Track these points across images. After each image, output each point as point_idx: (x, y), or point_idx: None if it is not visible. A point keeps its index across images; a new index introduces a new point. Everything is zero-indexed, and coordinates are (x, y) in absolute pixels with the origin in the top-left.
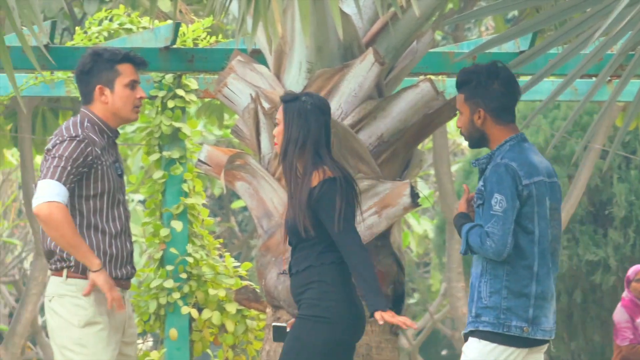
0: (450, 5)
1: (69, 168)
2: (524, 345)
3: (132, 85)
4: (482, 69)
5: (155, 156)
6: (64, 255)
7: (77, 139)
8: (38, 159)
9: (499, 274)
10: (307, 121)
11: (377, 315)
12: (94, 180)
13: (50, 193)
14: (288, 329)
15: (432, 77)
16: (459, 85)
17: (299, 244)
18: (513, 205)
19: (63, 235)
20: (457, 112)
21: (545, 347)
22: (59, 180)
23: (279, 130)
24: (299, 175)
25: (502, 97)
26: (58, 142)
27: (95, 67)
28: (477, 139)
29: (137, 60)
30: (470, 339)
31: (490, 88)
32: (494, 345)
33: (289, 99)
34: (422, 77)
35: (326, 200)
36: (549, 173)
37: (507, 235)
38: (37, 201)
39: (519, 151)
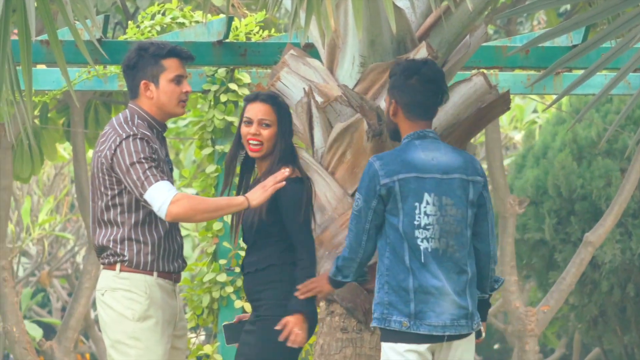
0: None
1: (151, 163)
2: (409, 340)
3: (178, 80)
4: (405, 64)
5: (207, 150)
6: (117, 250)
7: (138, 137)
8: (90, 153)
9: (381, 270)
10: (290, 119)
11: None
12: None
13: (161, 197)
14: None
15: (485, 71)
16: (389, 77)
17: (257, 242)
18: (368, 205)
19: (205, 211)
20: (506, 106)
21: (461, 343)
22: (155, 180)
23: (270, 132)
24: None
25: (416, 93)
26: (124, 148)
27: (140, 62)
28: (391, 131)
29: (184, 54)
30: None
31: (407, 82)
32: (387, 344)
33: (277, 98)
34: (475, 71)
35: (293, 198)
36: (443, 170)
37: (362, 234)
38: (161, 212)
39: (400, 149)
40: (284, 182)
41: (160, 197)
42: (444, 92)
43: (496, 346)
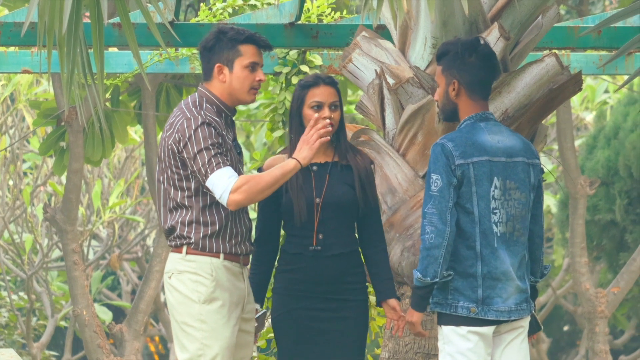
0: None
1: (217, 150)
2: (476, 324)
3: (253, 66)
4: (461, 42)
5: (278, 132)
6: (184, 233)
7: (205, 123)
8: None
9: None
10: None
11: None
12: None
13: (222, 185)
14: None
15: (557, 51)
16: (439, 57)
17: (342, 224)
18: (449, 182)
19: (265, 189)
20: (578, 87)
21: (517, 326)
22: (218, 167)
23: (339, 114)
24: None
25: (478, 70)
26: (192, 134)
27: (218, 45)
28: (449, 112)
29: (261, 42)
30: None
31: (467, 60)
32: (449, 327)
33: (335, 80)
34: (547, 51)
35: (373, 178)
36: (508, 153)
37: (446, 212)
38: (222, 200)
39: (467, 131)
40: (328, 129)
41: (221, 185)
42: (500, 69)
43: (566, 328)
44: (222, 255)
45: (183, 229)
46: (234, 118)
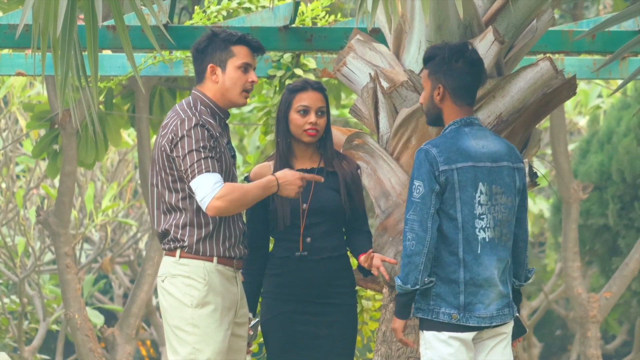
0: None
1: (208, 153)
2: (457, 330)
3: (245, 67)
4: (448, 47)
5: (272, 136)
6: (178, 236)
7: (199, 124)
8: (155, 139)
9: None
10: None
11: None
12: None
13: (206, 189)
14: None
15: (551, 55)
16: (425, 61)
17: (331, 227)
18: (431, 189)
19: (245, 205)
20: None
21: (499, 332)
22: (207, 171)
23: (324, 120)
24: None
25: (464, 76)
26: (185, 134)
27: (210, 46)
28: (434, 116)
29: (254, 43)
30: (420, 333)
31: (454, 66)
32: (430, 332)
33: (324, 86)
34: (541, 55)
35: (359, 183)
36: (493, 158)
37: (427, 219)
38: (203, 204)
39: (452, 136)
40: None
41: (206, 188)
42: (486, 76)
43: (558, 332)
44: (215, 259)
45: (177, 232)
46: (227, 121)
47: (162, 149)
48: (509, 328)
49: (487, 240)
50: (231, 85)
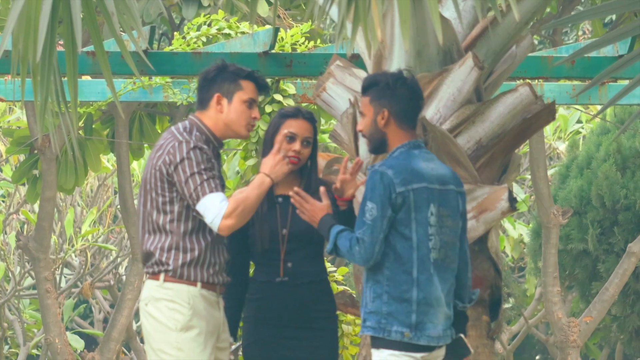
0: (548, 10)
1: (209, 174)
2: (410, 349)
3: (250, 103)
4: (390, 74)
5: (252, 161)
6: (163, 259)
7: (197, 147)
8: (134, 165)
9: (379, 280)
10: None
11: None
12: None
13: (214, 210)
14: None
15: (531, 81)
16: (366, 88)
17: (312, 252)
18: (383, 214)
19: (252, 209)
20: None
21: (441, 352)
22: (210, 191)
23: (309, 150)
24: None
25: (407, 101)
26: (185, 157)
27: (219, 76)
28: (378, 142)
29: (261, 81)
30: (371, 351)
31: (397, 91)
32: (387, 351)
33: (314, 117)
34: (520, 81)
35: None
36: (441, 180)
37: (375, 244)
38: (214, 225)
39: (404, 158)
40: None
41: (214, 209)
42: (423, 102)
43: (538, 357)
44: (199, 284)
45: (162, 255)
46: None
47: (157, 169)
48: (443, 352)
49: (432, 260)
50: (236, 118)
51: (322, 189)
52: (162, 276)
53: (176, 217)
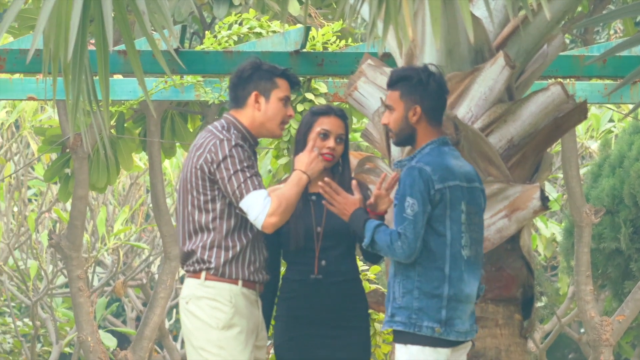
0: (579, 9)
1: (252, 171)
2: (439, 345)
3: (286, 101)
4: (420, 69)
5: (284, 160)
6: (205, 257)
7: (239, 144)
8: (166, 163)
9: (410, 275)
10: None
11: None
12: None
13: (258, 208)
14: None
15: (562, 80)
16: (395, 82)
17: (346, 251)
18: (424, 209)
19: (293, 208)
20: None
21: (466, 347)
22: (254, 189)
23: (342, 147)
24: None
25: (437, 97)
26: (228, 154)
27: (255, 75)
28: (406, 137)
29: (293, 79)
30: (396, 346)
31: (429, 87)
32: (416, 347)
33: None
34: (552, 80)
35: None
36: (468, 178)
37: (417, 239)
38: (257, 223)
39: (436, 155)
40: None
41: (257, 207)
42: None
43: (571, 356)
44: (240, 282)
45: (204, 253)
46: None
47: (198, 167)
48: (469, 345)
49: (466, 258)
50: (272, 115)
51: (354, 182)
52: (203, 274)
53: (218, 215)
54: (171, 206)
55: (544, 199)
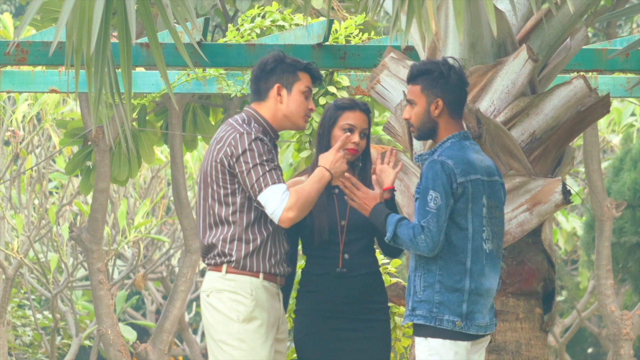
0: (602, 2)
1: (271, 165)
2: (459, 339)
3: (307, 94)
4: (440, 62)
5: (305, 153)
6: (226, 250)
7: (259, 138)
8: (188, 156)
9: (432, 269)
10: None
11: None
12: None
13: (275, 201)
14: None
15: (585, 74)
16: (416, 76)
17: (368, 244)
18: (447, 202)
19: (312, 204)
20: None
21: (485, 341)
22: (273, 183)
23: (365, 141)
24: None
25: (459, 91)
26: (247, 148)
27: (278, 68)
28: (428, 131)
29: (316, 73)
30: (417, 339)
31: (450, 80)
32: (437, 340)
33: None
34: (575, 74)
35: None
36: (489, 172)
37: (441, 232)
38: (274, 217)
39: (458, 149)
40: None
41: (275, 201)
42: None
43: (590, 350)
44: (261, 275)
45: (225, 246)
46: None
47: (218, 161)
48: (488, 339)
49: (488, 251)
50: (295, 108)
51: (374, 177)
52: (224, 267)
53: (239, 209)
54: (192, 199)
55: (566, 192)
